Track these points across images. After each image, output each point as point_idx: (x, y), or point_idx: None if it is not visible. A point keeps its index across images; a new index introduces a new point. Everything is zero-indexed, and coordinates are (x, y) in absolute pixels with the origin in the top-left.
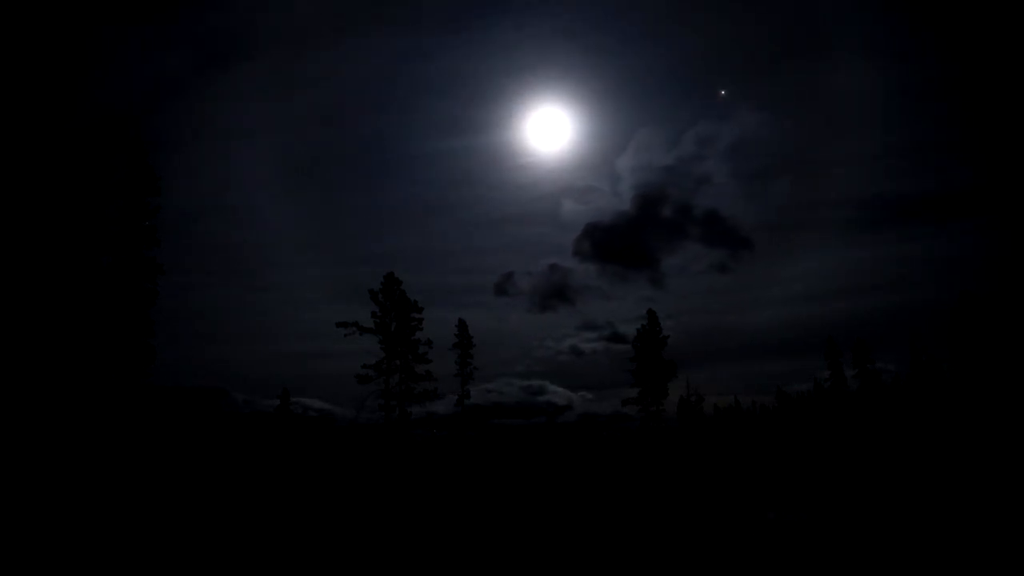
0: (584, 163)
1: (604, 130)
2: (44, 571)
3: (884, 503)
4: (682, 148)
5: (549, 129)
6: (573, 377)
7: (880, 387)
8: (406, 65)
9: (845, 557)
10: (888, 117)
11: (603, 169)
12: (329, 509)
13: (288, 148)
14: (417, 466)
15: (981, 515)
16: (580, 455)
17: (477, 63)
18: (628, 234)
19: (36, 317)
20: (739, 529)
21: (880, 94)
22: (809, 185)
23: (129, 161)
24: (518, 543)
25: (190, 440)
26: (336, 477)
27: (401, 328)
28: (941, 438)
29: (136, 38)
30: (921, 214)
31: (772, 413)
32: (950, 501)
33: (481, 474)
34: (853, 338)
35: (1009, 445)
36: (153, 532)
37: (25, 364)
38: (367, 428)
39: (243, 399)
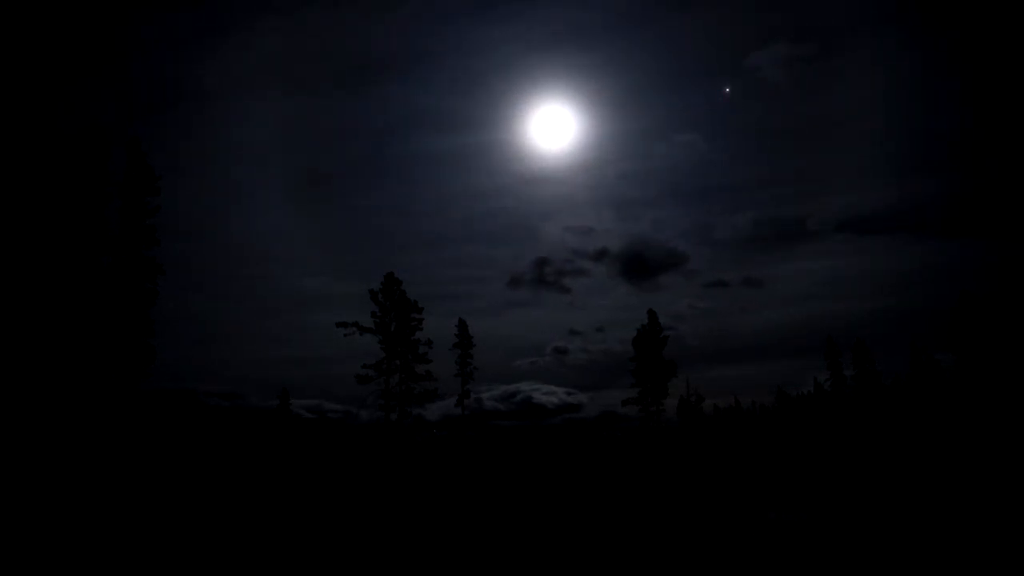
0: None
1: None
2: (46, 570)
3: (884, 503)
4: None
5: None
6: (560, 379)
7: (880, 387)
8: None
9: (845, 557)
10: (889, 126)
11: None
12: (332, 508)
13: (288, 148)
14: (420, 467)
15: (981, 514)
16: (581, 455)
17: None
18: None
19: (36, 317)
20: (741, 529)
21: (882, 103)
22: (808, 194)
23: (129, 161)
24: (523, 543)
25: (193, 439)
26: (336, 477)
27: (401, 328)
28: (941, 437)
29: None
30: (919, 221)
31: (772, 413)
32: (950, 500)
33: (485, 476)
34: (846, 342)
35: (1010, 444)
36: (156, 529)
37: (26, 364)
38: (367, 428)
39: (228, 398)
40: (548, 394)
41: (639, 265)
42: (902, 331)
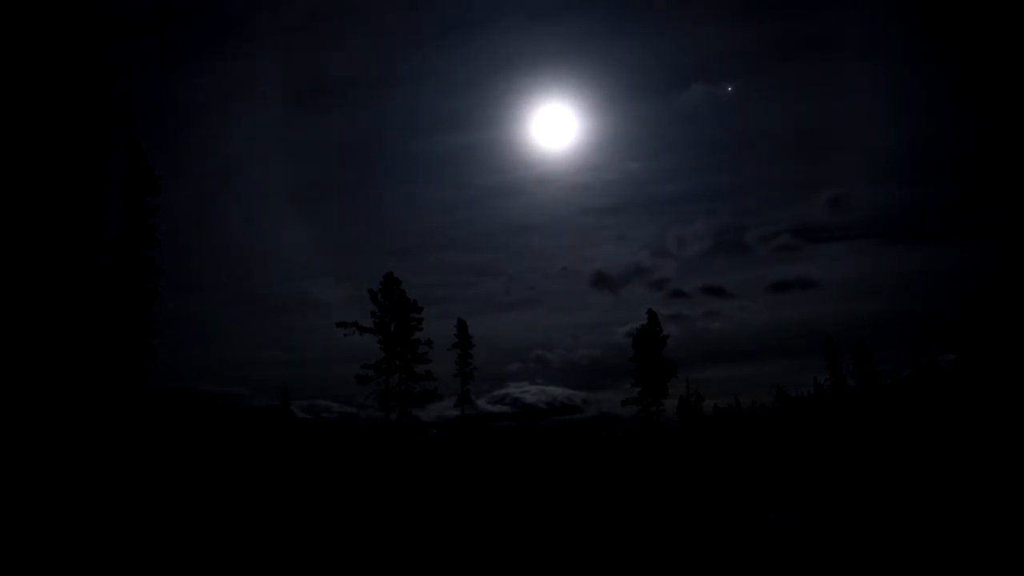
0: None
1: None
2: (45, 571)
3: (884, 503)
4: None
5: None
6: (549, 382)
7: (880, 388)
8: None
9: (845, 557)
10: (888, 131)
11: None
12: (332, 509)
13: (290, 147)
14: (420, 467)
15: (981, 514)
16: (582, 456)
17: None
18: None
19: (36, 317)
20: (740, 529)
21: (882, 109)
22: (807, 200)
23: (129, 161)
24: (524, 543)
25: (192, 440)
26: (336, 478)
27: (401, 328)
28: (941, 437)
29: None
30: (917, 227)
31: (772, 413)
32: (950, 501)
33: (487, 476)
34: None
35: (1010, 444)
36: (155, 529)
37: (26, 364)
38: (368, 428)
39: (235, 398)
40: (541, 395)
41: (605, 274)
42: (897, 335)
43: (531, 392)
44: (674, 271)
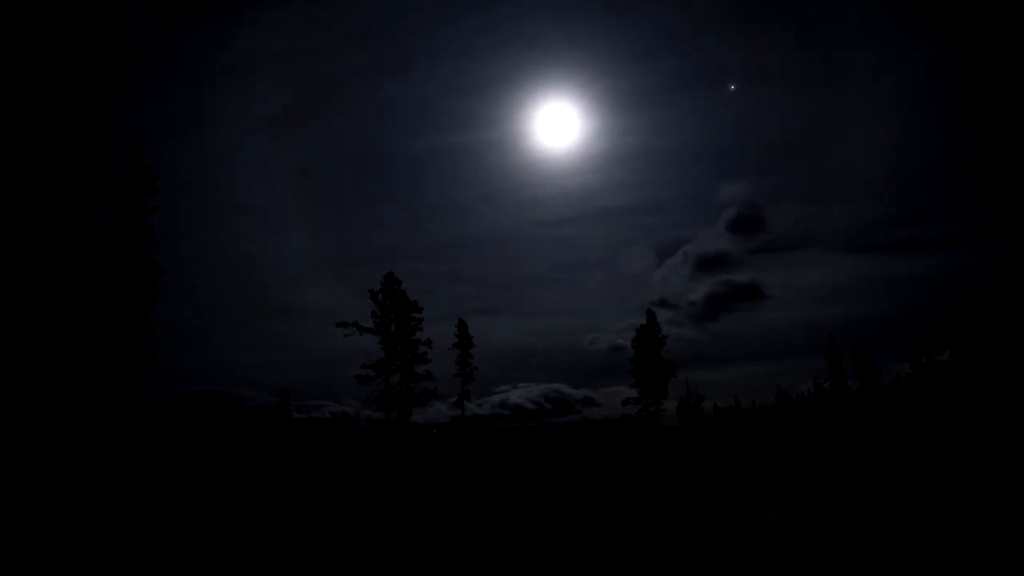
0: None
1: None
2: (45, 571)
3: (884, 503)
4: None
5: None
6: (544, 383)
7: (879, 388)
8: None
9: (845, 557)
10: (890, 140)
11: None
12: (331, 509)
13: (294, 149)
14: (421, 468)
15: (981, 515)
16: (581, 456)
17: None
18: None
19: (35, 317)
20: (738, 529)
21: (884, 115)
22: (811, 205)
23: (127, 161)
24: (523, 543)
25: (191, 440)
26: (336, 478)
27: (401, 328)
28: (943, 437)
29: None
30: (917, 231)
31: (772, 413)
32: (951, 501)
33: (487, 476)
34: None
35: (1010, 443)
36: (153, 530)
37: (25, 364)
38: (368, 428)
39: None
40: (530, 397)
41: (563, 282)
42: (895, 337)
43: (515, 395)
44: (631, 279)
